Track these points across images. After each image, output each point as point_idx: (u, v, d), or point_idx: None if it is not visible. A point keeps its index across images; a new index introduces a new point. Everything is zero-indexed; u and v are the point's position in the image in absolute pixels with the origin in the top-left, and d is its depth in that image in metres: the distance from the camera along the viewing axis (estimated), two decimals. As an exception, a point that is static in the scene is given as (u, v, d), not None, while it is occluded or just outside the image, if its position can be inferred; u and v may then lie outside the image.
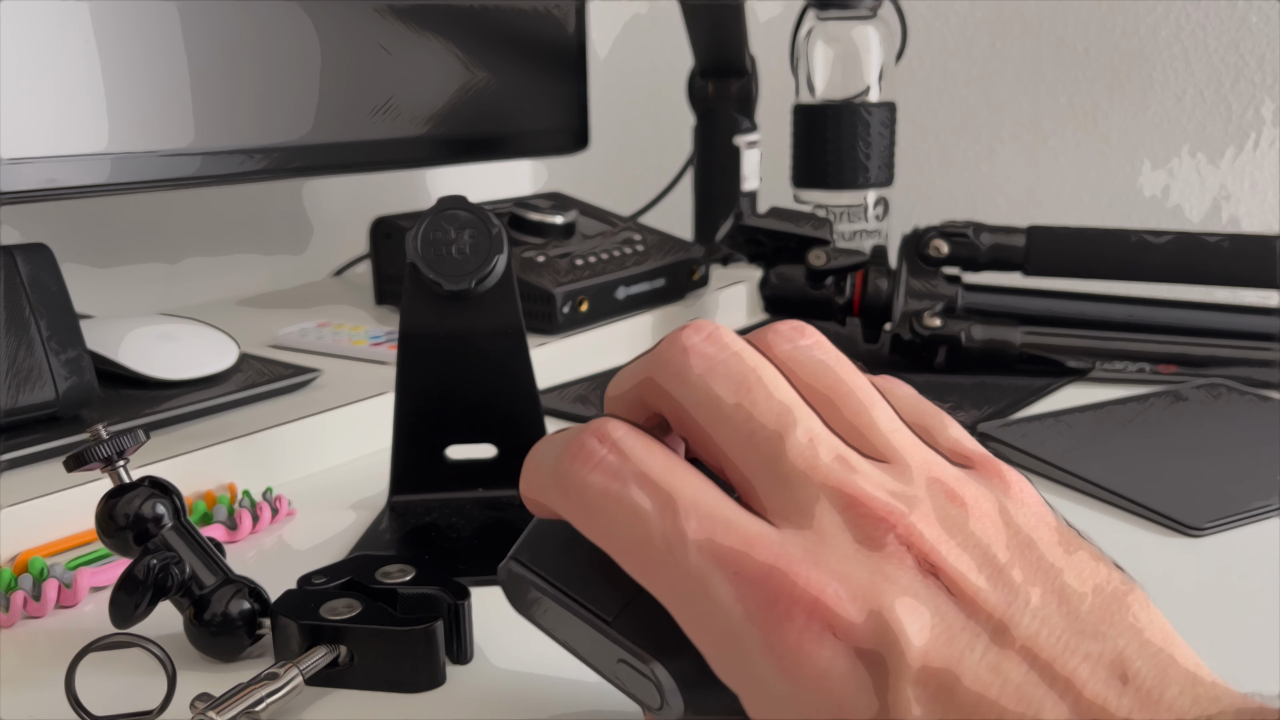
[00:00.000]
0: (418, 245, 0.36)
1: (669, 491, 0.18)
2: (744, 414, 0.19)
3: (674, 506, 0.18)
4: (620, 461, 0.19)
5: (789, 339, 0.21)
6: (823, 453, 0.18)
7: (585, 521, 0.19)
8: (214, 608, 0.28)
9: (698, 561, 0.17)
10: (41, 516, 0.35)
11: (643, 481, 0.18)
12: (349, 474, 0.43)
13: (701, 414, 0.19)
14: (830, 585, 0.17)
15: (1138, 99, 0.78)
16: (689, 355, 0.19)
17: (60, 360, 0.40)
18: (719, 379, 0.19)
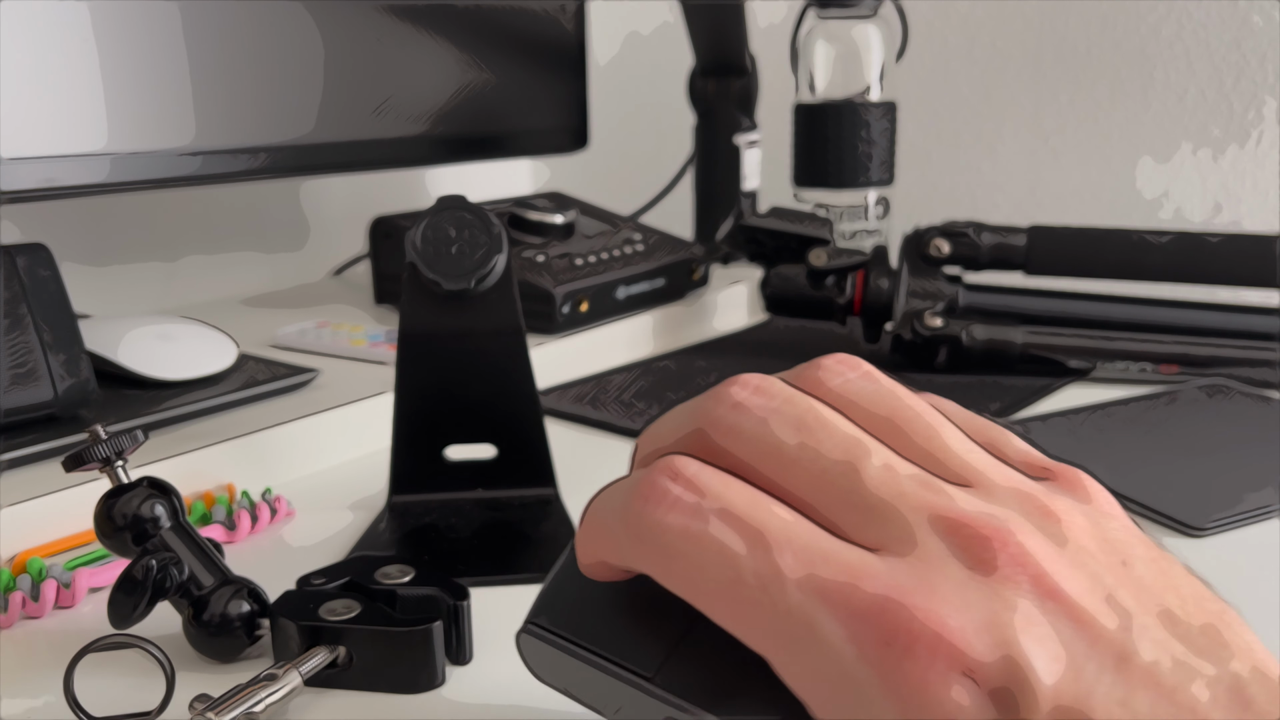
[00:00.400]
0: (417, 245, 0.35)
1: (757, 526, 0.17)
2: (810, 453, 0.18)
3: (765, 542, 0.17)
4: (699, 498, 0.17)
5: (838, 373, 0.20)
6: (904, 479, 0.17)
7: (665, 567, 0.17)
8: (213, 608, 0.28)
9: (799, 599, 0.16)
10: (40, 517, 0.35)
11: (727, 518, 0.17)
12: (348, 474, 0.43)
13: (767, 464, 0.18)
14: (951, 617, 0.15)
15: (1139, 98, 0.78)
16: (741, 410, 0.19)
17: (58, 360, 0.40)
18: (777, 426, 0.18)
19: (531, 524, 0.36)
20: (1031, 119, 0.83)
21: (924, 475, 0.18)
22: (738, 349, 0.61)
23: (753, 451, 0.18)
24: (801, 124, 0.69)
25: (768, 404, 0.19)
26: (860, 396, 0.19)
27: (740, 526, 0.17)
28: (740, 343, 0.62)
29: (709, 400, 0.19)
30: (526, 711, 0.27)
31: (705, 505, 0.17)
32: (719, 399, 0.19)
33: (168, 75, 0.47)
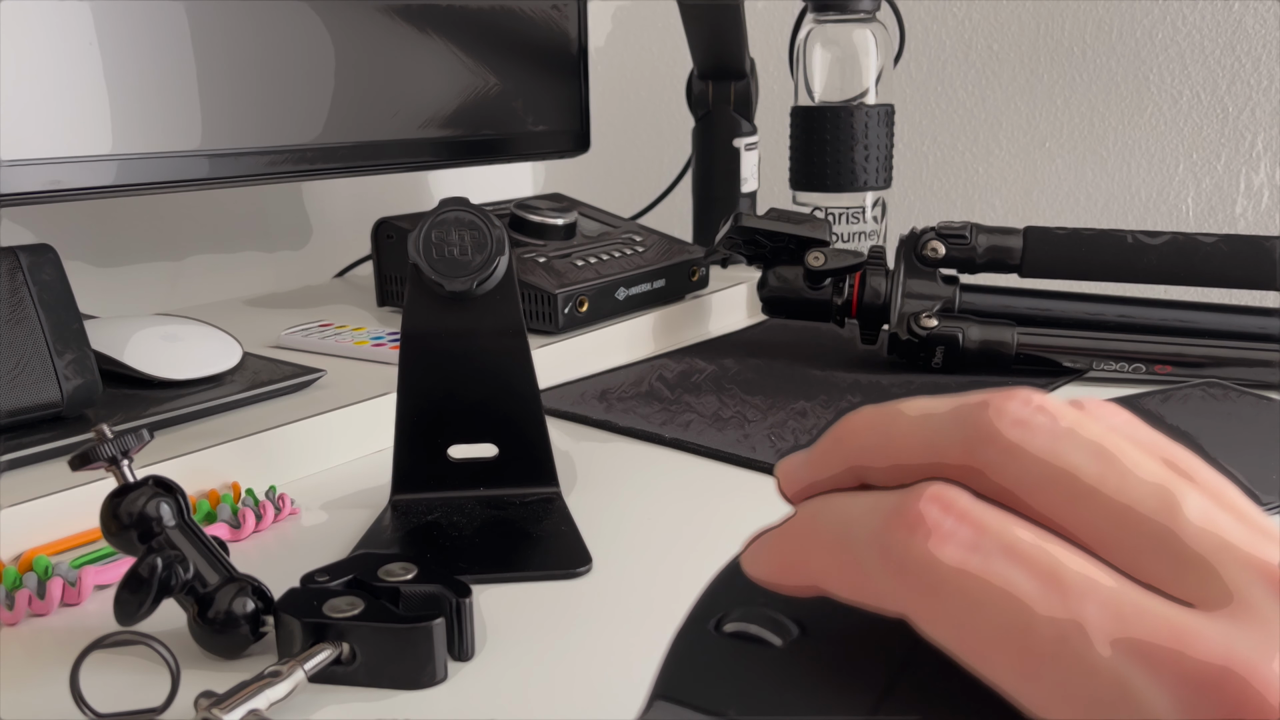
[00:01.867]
0: (420, 246, 0.36)
1: (1051, 568, 0.14)
2: (1113, 484, 0.15)
3: (1062, 585, 0.14)
4: (977, 533, 0.15)
5: (1109, 413, 0.17)
6: (1226, 528, 0.15)
7: (932, 607, 0.15)
8: (217, 606, 0.29)
9: (1110, 656, 0.13)
10: (46, 515, 0.35)
11: (1014, 556, 0.14)
12: (351, 473, 0.43)
13: (1056, 493, 0.15)
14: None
15: (1134, 101, 0.79)
16: (1027, 428, 0.16)
17: (65, 360, 0.40)
18: (1071, 449, 0.15)
19: (533, 522, 0.37)
20: (1027, 122, 0.83)
21: (1246, 526, 0.15)
22: (736, 349, 0.61)
23: (1039, 477, 0.15)
24: (799, 127, 0.70)
25: (1056, 424, 0.16)
26: (1144, 439, 0.17)
27: (1031, 567, 0.14)
28: (739, 343, 0.63)
29: (981, 412, 0.16)
30: (528, 708, 0.27)
31: (986, 541, 0.14)
32: (999, 411, 0.16)
33: (172, 78, 0.47)
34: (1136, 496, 0.15)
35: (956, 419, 0.16)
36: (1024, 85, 0.83)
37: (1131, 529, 0.15)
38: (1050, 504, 0.15)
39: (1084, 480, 0.15)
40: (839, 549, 0.16)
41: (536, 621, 0.31)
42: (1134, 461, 0.15)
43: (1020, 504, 0.15)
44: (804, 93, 0.70)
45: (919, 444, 0.17)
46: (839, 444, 0.18)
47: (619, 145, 0.96)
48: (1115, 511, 0.15)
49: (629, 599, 0.32)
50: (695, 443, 0.46)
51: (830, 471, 0.18)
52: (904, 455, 0.17)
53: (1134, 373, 0.53)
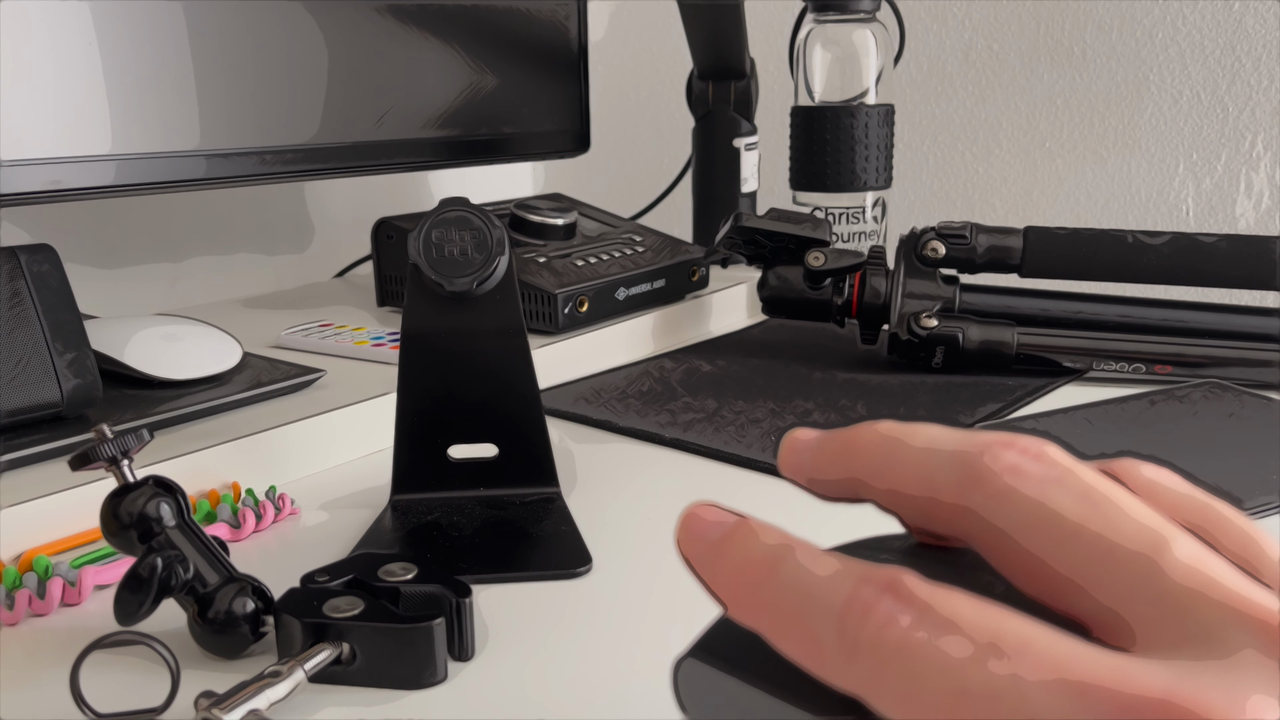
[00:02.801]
0: (420, 246, 0.36)
1: (989, 636, 0.14)
2: (1098, 524, 0.15)
3: (997, 649, 0.14)
4: (920, 614, 0.15)
5: (1139, 469, 0.18)
6: (1216, 572, 0.15)
7: (882, 684, 0.15)
8: (217, 606, 0.29)
9: (1044, 700, 0.13)
10: (46, 515, 0.35)
11: (950, 629, 0.15)
12: (352, 473, 0.43)
13: (1041, 532, 0.16)
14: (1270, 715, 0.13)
15: (1134, 101, 0.79)
16: (1017, 474, 0.16)
17: (65, 360, 0.40)
18: (1058, 496, 0.16)
19: (533, 522, 0.37)
20: (1027, 122, 0.83)
21: (1241, 575, 0.15)
22: (736, 349, 0.61)
23: (1027, 519, 0.16)
24: (799, 127, 0.70)
25: (1048, 472, 0.16)
26: (1164, 492, 0.17)
27: (970, 633, 0.14)
28: (738, 343, 0.63)
29: (979, 457, 0.16)
30: (528, 709, 0.27)
31: (928, 619, 0.15)
32: (995, 458, 0.16)
33: (172, 78, 0.47)
34: (1122, 536, 0.15)
35: (955, 461, 0.17)
36: (1024, 85, 0.83)
37: (1114, 566, 0.15)
38: (1037, 544, 0.16)
39: (1069, 520, 0.15)
40: (796, 616, 0.16)
41: (537, 622, 0.31)
42: (1125, 505, 0.16)
43: (1011, 545, 0.16)
44: (804, 93, 0.71)
45: (918, 478, 0.17)
46: (847, 454, 0.18)
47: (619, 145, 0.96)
48: (1098, 549, 0.15)
49: (629, 599, 0.32)
50: (695, 443, 0.46)
51: (832, 476, 0.19)
52: (903, 485, 0.17)
53: (1134, 373, 0.53)
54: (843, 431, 0.19)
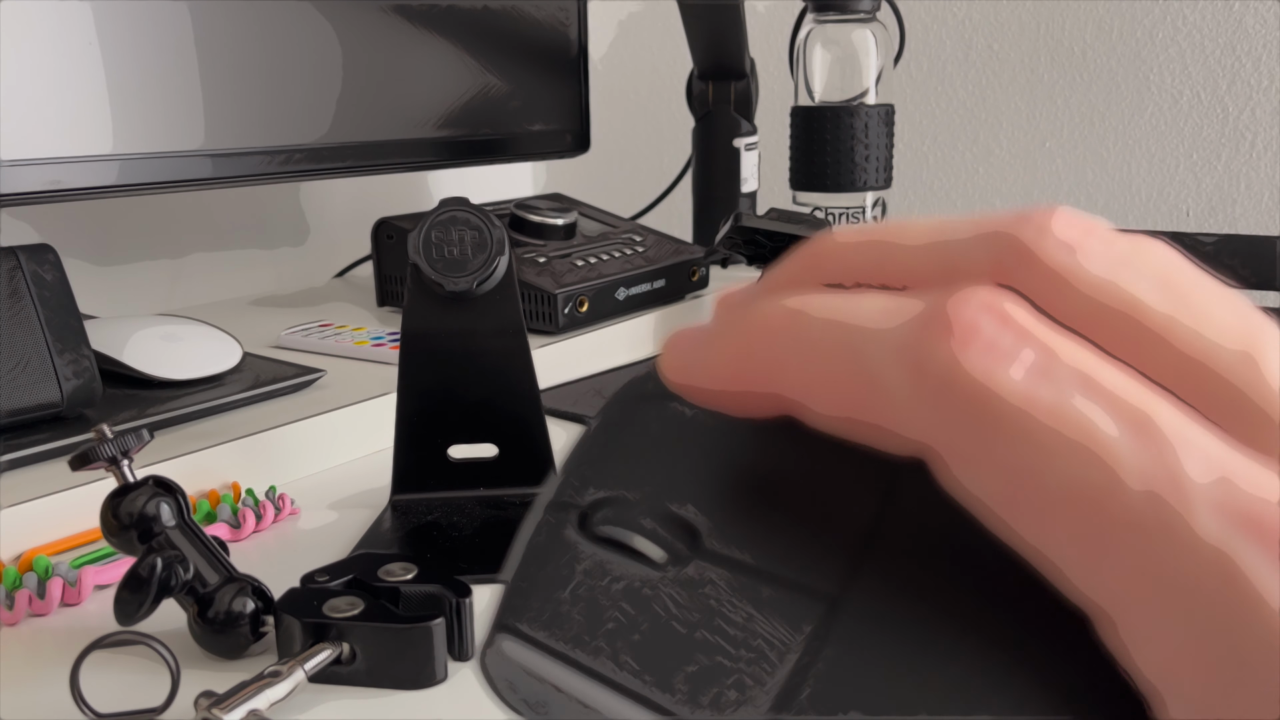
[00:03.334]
0: (420, 246, 0.36)
1: (1142, 411, 0.11)
2: (1186, 325, 0.12)
3: (1154, 436, 0.10)
4: (1047, 357, 0.11)
5: (1162, 250, 0.13)
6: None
7: (982, 448, 0.11)
8: (217, 606, 0.29)
9: (1215, 530, 0.10)
10: (46, 515, 0.35)
11: (1094, 391, 0.11)
12: (351, 473, 0.43)
13: (1114, 329, 0.12)
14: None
15: (1134, 101, 0.79)
16: (1075, 252, 0.12)
17: (65, 360, 0.40)
18: (1134, 279, 0.12)
19: (532, 523, 0.37)
20: (1027, 122, 0.83)
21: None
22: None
23: (1095, 311, 0.12)
24: (800, 127, 0.70)
25: (1111, 250, 0.12)
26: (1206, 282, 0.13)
27: (1116, 408, 0.11)
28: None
29: (1019, 229, 0.12)
30: (528, 707, 0.27)
31: (1058, 370, 0.11)
32: (1041, 230, 0.12)
33: (172, 78, 0.47)
34: (1211, 343, 0.12)
35: (985, 239, 0.12)
36: (1024, 85, 0.83)
37: (1203, 384, 0.11)
38: (1107, 345, 0.12)
39: (1151, 317, 0.12)
40: (839, 357, 0.12)
41: (537, 621, 0.31)
42: (1207, 300, 0.12)
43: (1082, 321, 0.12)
44: (804, 93, 0.70)
45: (932, 266, 0.13)
46: (816, 266, 0.14)
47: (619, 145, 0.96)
48: (1185, 360, 0.11)
49: (629, 599, 0.32)
50: (695, 443, 0.46)
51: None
52: (910, 283, 0.13)
53: (1134, 373, 0.53)
54: (798, 250, 0.14)
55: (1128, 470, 0.10)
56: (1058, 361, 0.11)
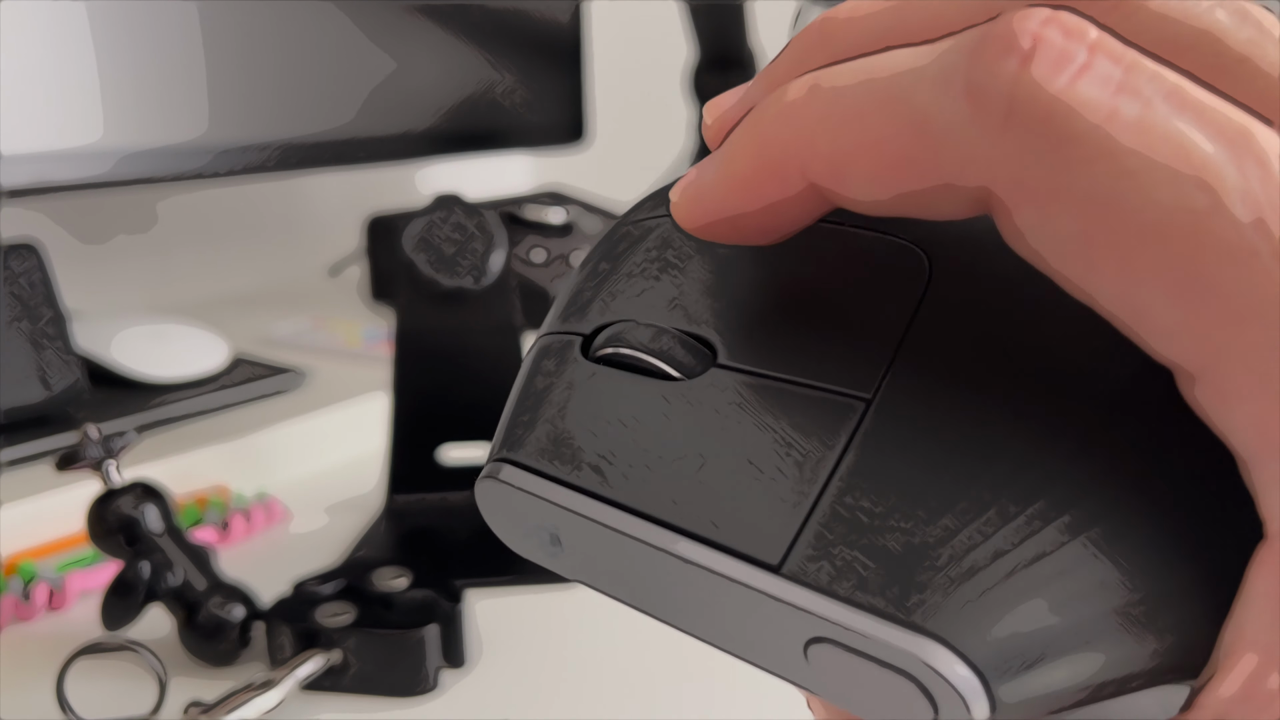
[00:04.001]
0: (414, 243, 0.35)
1: (1240, 128, 0.09)
2: (1275, 56, 0.10)
3: (1258, 154, 0.09)
4: (1126, 70, 0.09)
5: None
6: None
7: (1058, 173, 0.09)
8: (205, 613, 0.28)
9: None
10: (30, 518, 0.34)
11: (1184, 105, 0.09)
12: (344, 475, 0.43)
13: (1197, 56, 0.10)
14: None
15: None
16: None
17: (49, 360, 0.39)
18: (1213, 5, 0.10)
19: (528, 525, 0.36)
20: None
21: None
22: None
23: (1174, 29, 0.10)
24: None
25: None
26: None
27: (1211, 124, 0.09)
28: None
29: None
30: (521, 714, 0.27)
31: (1140, 82, 0.09)
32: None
33: (162, 71, 0.46)
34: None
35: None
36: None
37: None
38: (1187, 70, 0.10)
39: (1234, 37, 0.10)
40: (877, 111, 0.10)
41: (531, 627, 0.30)
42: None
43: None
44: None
45: (968, 10, 0.11)
46: (820, 45, 0.12)
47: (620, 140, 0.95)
48: (1273, 94, 0.10)
49: (627, 603, 0.32)
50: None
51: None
52: (947, 31, 0.11)
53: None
54: (747, 119, 0.11)
55: (1231, 194, 0.09)
56: (1141, 74, 0.09)
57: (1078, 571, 0.10)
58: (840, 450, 0.10)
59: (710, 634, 0.11)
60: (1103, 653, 0.10)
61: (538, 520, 0.12)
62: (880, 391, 0.11)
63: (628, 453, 0.11)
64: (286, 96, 0.52)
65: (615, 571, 0.12)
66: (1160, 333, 0.09)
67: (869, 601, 0.10)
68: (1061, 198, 0.09)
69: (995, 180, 0.10)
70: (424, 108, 0.59)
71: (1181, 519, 0.10)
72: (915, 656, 0.09)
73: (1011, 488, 0.10)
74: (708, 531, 0.10)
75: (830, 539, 0.10)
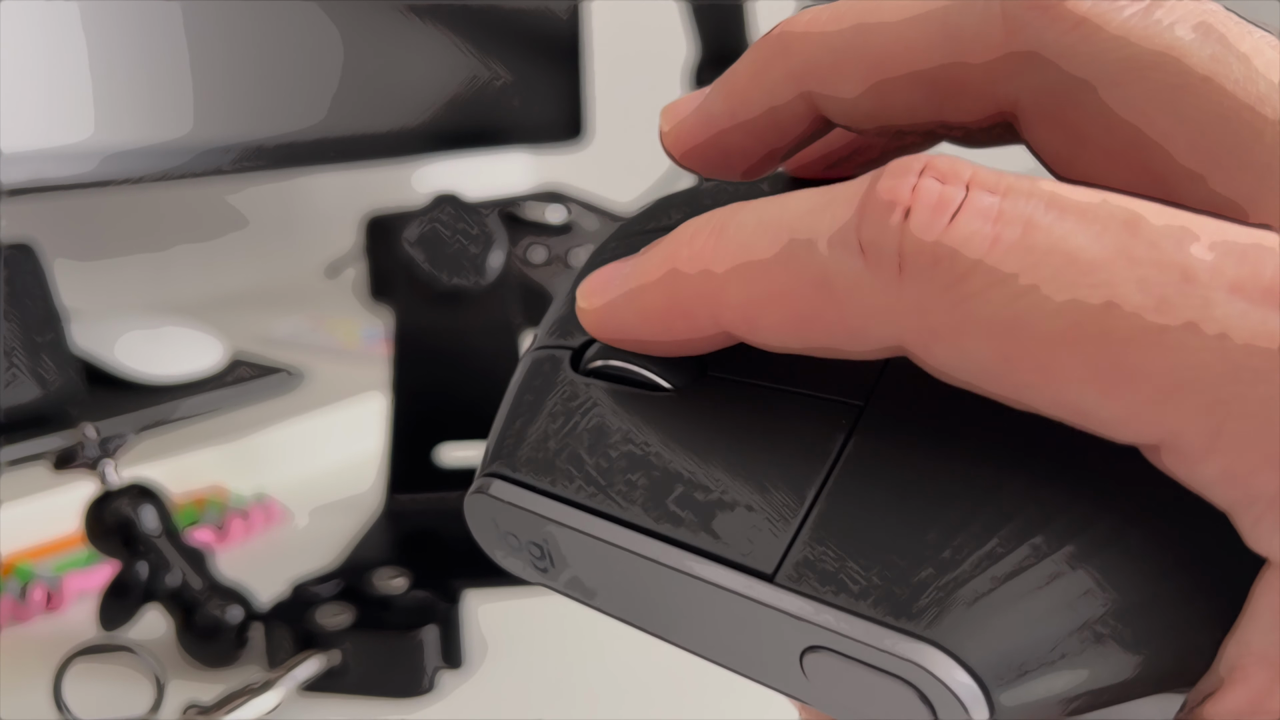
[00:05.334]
0: (414, 242, 0.35)
1: (1128, 211, 0.09)
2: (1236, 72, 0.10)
3: (1146, 230, 0.09)
4: (1002, 195, 0.10)
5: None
6: None
7: (962, 312, 0.09)
8: (203, 614, 0.28)
9: (1239, 310, 0.09)
10: (27, 519, 0.34)
11: (1064, 208, 0.09)
12: (342, 475, 0.42)
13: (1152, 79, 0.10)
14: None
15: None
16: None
17: (46, 360, 0.39)
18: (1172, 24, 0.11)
19: (527, 525, 0.36)
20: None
21: None
22: (734, 347, 0.61)
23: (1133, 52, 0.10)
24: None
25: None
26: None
27: (1092, 217, 0.09)
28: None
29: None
30: (520, 715, 0.27)
31: (1018, 203, 0.09)
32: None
33: (157, 70, 0.46)
34: (1269, 83, 0.10)
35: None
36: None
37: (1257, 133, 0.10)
38: (1142, 97, 0.10)
39: (1194, 57, 0.10)
40: (782, 268, 0.10)
41: (529, 629, 0.30)
42: (1254, 42, 0.10)
43: (1097, 103, 0.11)
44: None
45: (927, 40, 0.11)
46: (784, 52, 0.12)
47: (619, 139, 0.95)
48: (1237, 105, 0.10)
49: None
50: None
51: (767, 100, 0.12)
52: (901, 59, 0.11)
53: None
54: (761, 38, 0.12)
55: (1126, 285, 0.09)
56: (1018, 196, 0.10)
57: (1073, 578, 0.10)
58: (833, 458, 0.10)
59: (704, 648, 0.11)
60: (1100, 659, 0.10)
61: (528, 535, 0.12)
62: (872, 399, 0.11)
63: (618, 465, 0.11)
64: (287, 94, 0.52)
65: (607, 586, 0.12)
66: (1106, 424, 0.10)
67: (865, 609, 0.09)
68: (969, 330, 0.10)
69: (903, 330, 0.10)
70: (422, 105, 0.59)
71: (1171, 531, 0.10)
72: (914, 663, 0.09)
73: (1005, 497, 0.10)
74: (700, 542, 0.10)
75: (824, 547, 0.10)
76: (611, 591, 0.12)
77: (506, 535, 0.12)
